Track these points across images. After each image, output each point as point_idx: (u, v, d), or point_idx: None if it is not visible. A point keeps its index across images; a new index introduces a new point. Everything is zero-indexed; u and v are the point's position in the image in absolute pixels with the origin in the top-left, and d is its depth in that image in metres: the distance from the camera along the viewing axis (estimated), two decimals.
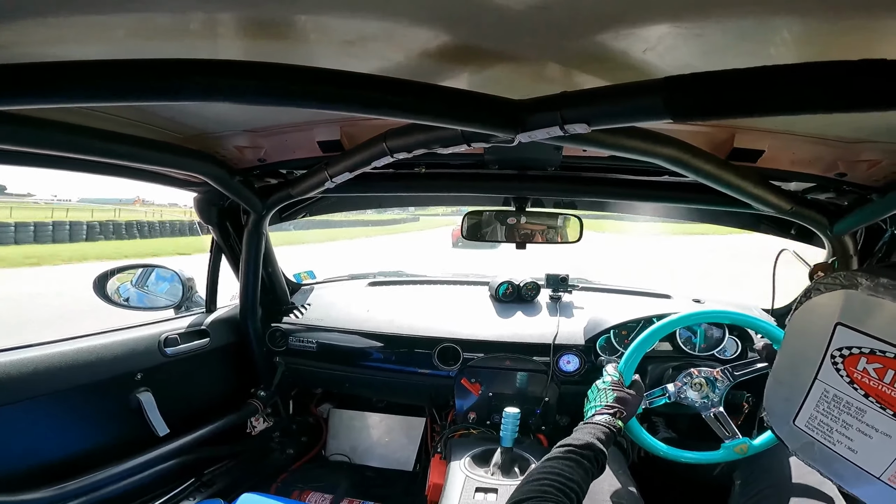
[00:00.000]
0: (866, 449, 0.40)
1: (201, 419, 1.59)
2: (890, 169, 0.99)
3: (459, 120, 0.72)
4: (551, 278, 1.90)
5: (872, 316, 0.39)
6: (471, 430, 1.63)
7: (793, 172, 1.09)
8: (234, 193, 1.38)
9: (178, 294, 1.75)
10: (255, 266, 1.67)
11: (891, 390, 0.37)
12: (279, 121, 1.12)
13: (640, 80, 0.62)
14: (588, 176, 1.37)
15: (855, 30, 0.53)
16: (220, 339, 1.70)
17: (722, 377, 1.25)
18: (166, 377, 1.47)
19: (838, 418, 0.42)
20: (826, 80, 0.50)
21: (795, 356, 0.46)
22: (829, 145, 0.97)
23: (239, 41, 0.69)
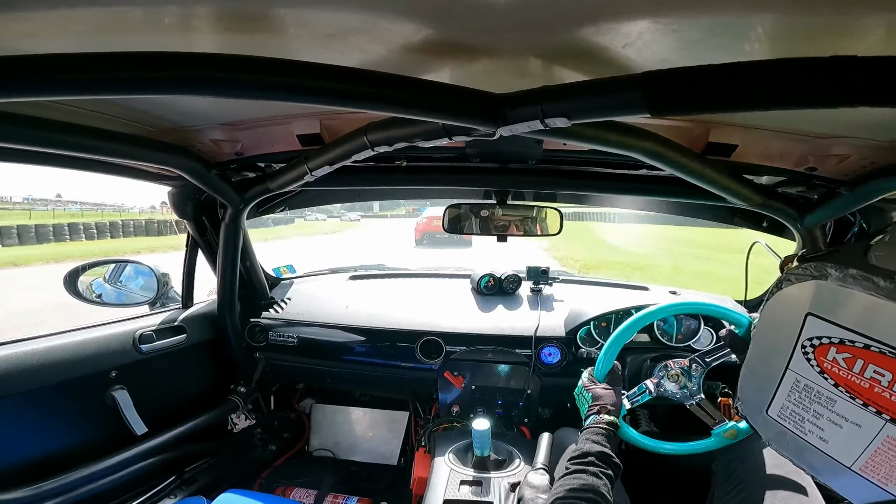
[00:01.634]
0: (837, 439, 0.40)
1: (180, 416, 1.57)
2: (859, 164, 1.01)
3: (441, 113, 0.71)
4: (532, 271, 1.91)
5: (842, 306, 0.39)
6: (454, 424, 1.64)
7: (765, 167, 1.10)
8: (211, 187, 1.35)
9: (152, 290, 1.71)
10: (233, 261, 1.64)
11: (860, 380, 0.38)
12: (257, 114, 1.09)
13: (619, 74, 0.62)
14: (568, 169, 1.37)
15: (827, 27, 0.54)
16: (198, 336, 1.67)
17: (695, 366, 1.27)
18: (142, 374, 1.45)
19: (809, 408, 0.42)
20: (798, 76, 0.50)
21: (767, 346, 0.47)
22: (799, 140, 0.99)
23: (216, 35, 0.67)
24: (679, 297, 1.81)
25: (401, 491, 1.92)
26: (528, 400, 1.65)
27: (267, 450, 2.03)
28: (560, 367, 1.64)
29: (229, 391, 1.80)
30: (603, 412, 1.08)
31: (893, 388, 0.35)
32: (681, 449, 1.20)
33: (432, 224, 14.80)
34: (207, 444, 1.74)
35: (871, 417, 0.37)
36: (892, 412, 0.36)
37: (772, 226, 1.53)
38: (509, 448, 1.38)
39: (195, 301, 1.74)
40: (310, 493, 1.84)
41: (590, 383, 1.19)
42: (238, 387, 1.80)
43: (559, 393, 1.71)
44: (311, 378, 2.02)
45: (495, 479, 1.25)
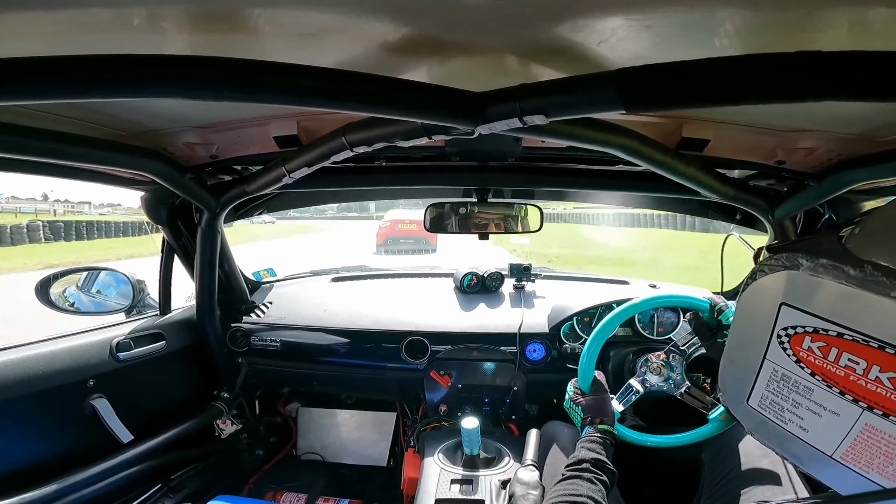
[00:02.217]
0: (817, 427, 0.41)
1: (164, 423, 1.53)
2: (825, 156, 1.03)
3: (420, 112, 0.70)
4: (515, 268, 1.91)
5: (814, 295, 0.40)
6: (442, 423, 1.63)
7: (736, 161, 1.12)
8: (185, 192, 1.31)
9: (128, 297, 1.66)
10: (211, 265, 1.60)
11: (835, 368, 0.38)
12: (232, 116, 1.07)
13: (595, 71, 0.62)
14: (547, 166, 1.37)
15: (793, 22, 0.54)
16: (178, 342, 1.63)
17: (673, 356, 1.28)
18: (122, 383, 1.41)
19: (788, 397, 0.43)
20: (765, 71, 0.51)
21: (744, 337, 0.47)
22: (768, 134, 1.00)
23: (188, 36, 0.65)
24: (658, 290, 1.83)
25: (392, 492, 1.89)
26: (514, 397, 1.65)
27: (254, 455, 2.00)
28: (545, 362, 1.64)
29: (212, 397, 1.76)
30: (596, 422, 1.10)
31: (868, 376, 0.36)
32: (683, 439, 1.20)
33: (396, 228, 13.83)
34: (193, 451, 1.71)
35: (849, 405, 0.38)
36: (868, 400, 0.36)
37: (744, 218, 1.56)
38: (498, 445, 1.38)
39: (173, 307, 1.70)
40: (300, 498, 1.81)
41: (577, 396, 1.20)
42: (221, 392, 1.76)
43: (545, 389, 1.72)
44: (295, 382, 1.99)
45: (485, 477, 1.24)
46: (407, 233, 13.62)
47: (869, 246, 0.38)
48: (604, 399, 1.16)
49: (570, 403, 1.21)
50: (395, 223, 13.95)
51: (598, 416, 1.11)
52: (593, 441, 1.04)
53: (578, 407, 1.17)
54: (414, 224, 13.50)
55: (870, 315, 0.36)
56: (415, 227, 13.41)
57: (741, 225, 1.58)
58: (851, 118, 0.87)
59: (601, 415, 1.12)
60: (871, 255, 0.37)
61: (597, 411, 1.13)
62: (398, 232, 13.72)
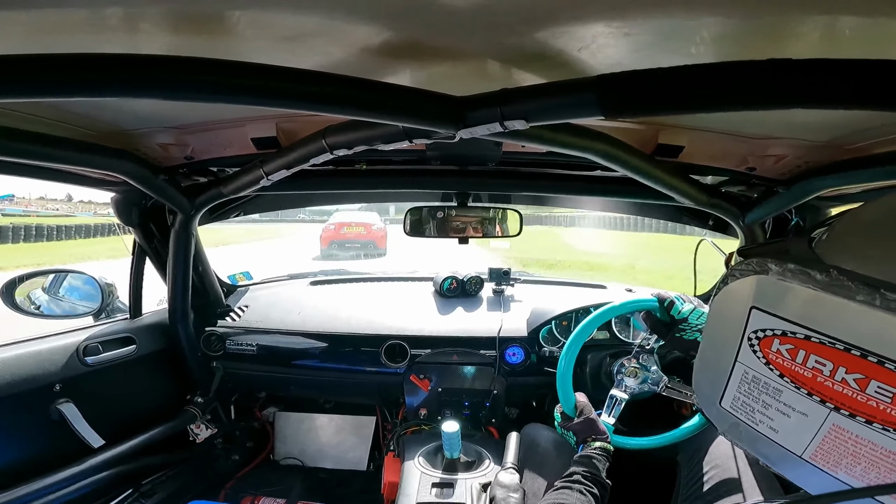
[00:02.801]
0: (786, 428, 0.42)
1: (135, 428, 1.49)
2: (794, 163, 1.06)
3: (401, 116, 0.70)
4: (494, 272, 1.92)
5: (782, 299, 0.40)
6: (422, 427, 1.61)
7: (709, 167, 1.15)
8: (158, 193, 1.28)
9: (96, 300, 1.60)
10: (184, 268, 1.56)
11: (803, 370, 0.39)
12: (208, 117, 1.04)
13: (575, 77, 0.62)
14: (526, 171, 1.38)
15: (766, 30, 0.55)
16: (149, 346, 1.58)
17: (643, 356, 1.30)
18: (90, 387, 1.37)
19: (759, 398, 0.43)
20: (737, 78, 0.51)
21: (717, 339, 0.48)
22: (740, 141, 1.02)
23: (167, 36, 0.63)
24: (634, 294, 1.86)
25: (372, 496, 1.88)
26: (494, 400, 1.64)
27: (230, 460, 1.96)
28: (524, 366, 1.64)
29: (186, 401, 1.72)
30: (589, 440, 1.11)
31: (835, 378, 0.37)
32: (674, 436, 1.20)
33: (341, 231, 12.66)
34: (166, 456, 1.66)
35: (817, 406, 0.39)
36: (835, 401, 0.37)
37: (717, 224, 1.59)
38: (478, 449, 1.38)
39: (144, 311, 1.65)
40: (277, 502, 1.79)
41: (566, 422, 1.20)
42: (195, 397, 1.72)
43: (525, 392, 1.72)
44: (273, 386, 1.95)
45: (466, 480, 1.24)
46: (353, 236, 12.67)
47: (835, 251, 0.39)
48: (592, 419, 1.17)
49: (561, 432, 1.22)
50: (341, 226, 12.77)
51: (590, 434, 1.13)
52: (586, 456, 1.05)
53: (570, 432, 1.18)
54: (361, 227, 12.67)
55: (835, 318, 0.37)
56: (362, 230, 12.62)
57: (714, 230, 1.61)
58: (819, 126, 0.90)
59: (593, 433, 1.13)
60: (836, 260, 0.38)
61: (588, 431, 1.14)
62: (343, 236, 12.68)
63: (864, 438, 0.36)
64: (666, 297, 1.18)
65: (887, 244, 0.36)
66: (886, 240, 0.37)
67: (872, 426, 0.35)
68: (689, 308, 1.15)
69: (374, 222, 13.13)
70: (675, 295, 1.19)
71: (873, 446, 0.36)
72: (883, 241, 0.37)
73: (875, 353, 0.34)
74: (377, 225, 13.03)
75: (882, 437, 0.35)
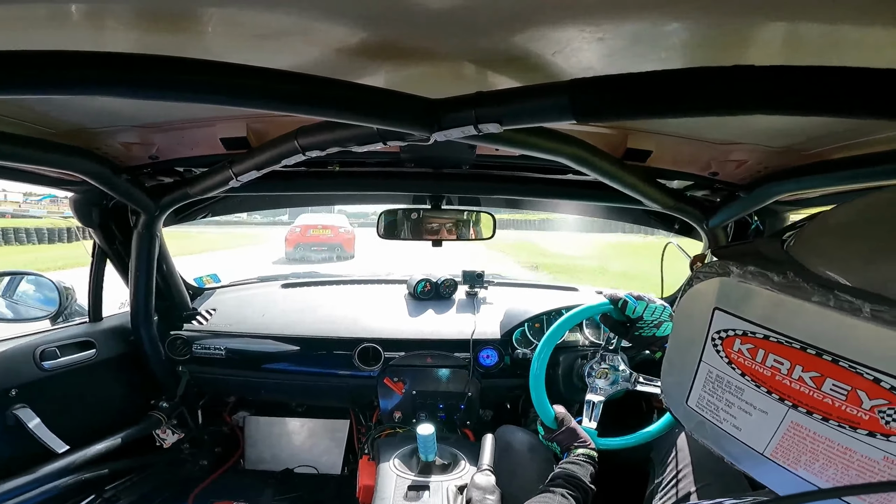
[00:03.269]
0: (748, 426, 0.43)
1: (98, 434, 1.45)
2: (754, 168, 1.09)
3: (376, 118, 0.69)
4: (468, 275, 1.92)
5: (743, 300, 0.41)
6: (397, 430, 1.60)
7: (675, 171, 1.17)
8: (120, 193, 1.22)
9: (54, 303, 1.53)
10: (147, 271, 1.50)
11: (762, 368, 0.40)
12: (175, 116, 1.01)
13: (549, 81, 0.63)
14: (500, 174, 1.38)
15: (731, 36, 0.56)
16: (110, 350, 1.53)
17: (609, 357, 1.32)
18: (48, 392, 1.32)
19: (722, 397, 0.45)
20: (704, 84, 0.52)
21: (683, 340, 0.49)
22: (704, 146, 1.05)
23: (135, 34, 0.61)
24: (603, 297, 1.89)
25: (346, 500, 1.85)
26: (469, 403, 1.64)
27: (198, 465, 1.91)
28: (498, 368, 1.64)
29: (150, 406, 1.67)
30: (572, 447, 1.13)
31: (792, 376, 0.38)
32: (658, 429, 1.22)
33: (307, 234, 12.25)
34: (130, 461, 1.61)
35: (776, 404, 0.40)
36: (793, 398, 0.38)
37: (682, 227, 1.63)
38: (454, 451, 1.37)
39: (106, 314, 1.59)
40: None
41: (549, 434, 1.22)
42: (160, 402, 1.67)
43: (499, 394, 1.72)
44: (242, 390, 1.90)
45: (442, 483, 1.23)
46: (320, 239, 12.31)
47: (804, 252, 0.40)
48: (572, 428, 1.19)
49: (545, 444, 1.24)
50: (307, 229, 12.33)
51: (572, 442, 1.15)
52: (569, 463, 1.07)
53: (553, 443, 1.20)
54: (328, 230, 12.34)
55: (792, 318, 0.38)
56: (329, 232, 12.31)
57: (679, 233, 1.66)
58: (778, 132, 0.92)
59: (575, 441, 1.15)
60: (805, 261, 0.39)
61: (571, 440, 1.16)
62: (309, 238, 12.26)
63: (821, 435, 0.37)
64: (618, 298, 1.21)
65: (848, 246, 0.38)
66: (848, 242, 0.38)
67: (829, 423, 0.36)
68: (641, 306, 1.18)
69: (342, 225, 12.90)
70: (626, 294, 1.21)
71: (830, 443, 0.37)
72: (836, 245, 0.38)
73: (829, 351, 0.35)
74: (344, 227, 12.79)
75: (838, 433, 0.36)
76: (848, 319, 0.34)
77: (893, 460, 0.34)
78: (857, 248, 0.37)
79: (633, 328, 1.20)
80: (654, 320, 1.17)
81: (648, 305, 1.18)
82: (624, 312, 1.20)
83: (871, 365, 0.33)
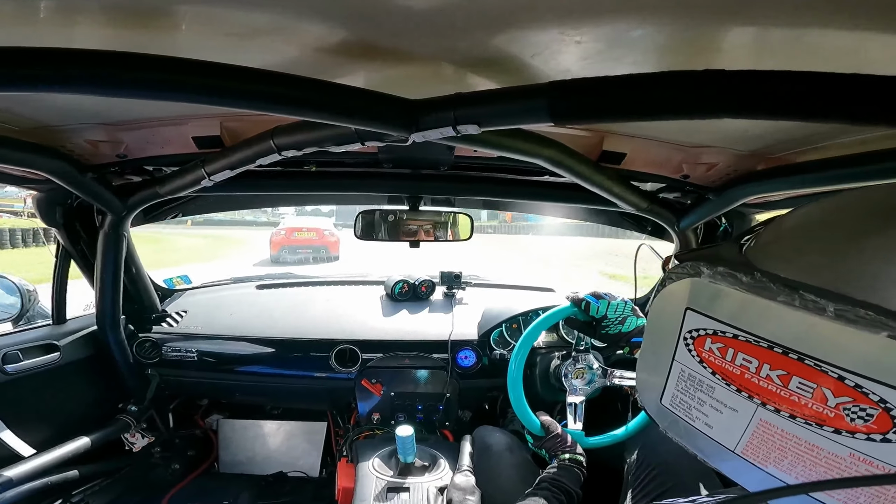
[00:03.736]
0: (719, 423, 0.43)
1: (64, 438, 1.40)
2: (724, 171, 1.11)
3: (354, 118, 0.68)
4: (445, 276, 1.92)
5: (713, 300, 0.42)
6: (375, 431, 1.58)
7: (648, 174, 1.19)
8: (86, 192, 1.18)
9: (15, 306, 1.48)
10: (114, 272, 1.45)
11: (732, 367, 0.41)
12: (145, 114, 0.97)
13: (528, 83, 0.62)
14: (478, 175, 1.38)
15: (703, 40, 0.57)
16: (75, 354, 1.49)
17: (581, 357, 1.33)
18: (12, 397, 1.29)
19: (694, 395, 0.45)
20: (676, 88, 0.53)
21: (656, 339, 0.49)
22: (676, 149, 1.07)
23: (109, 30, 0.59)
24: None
25: (325, 503, 1.84)
26: (447, 403, 1.63)
27: (170, 469, 1.86)
28: (476, 369, 1.64)
29: (118, 410, 1.62)
30: (559, 453, 1.14)
31: (760, 374, 0.39)
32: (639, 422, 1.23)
33: (292, 237, 12.22)
34: (97, 466, 1.57)
35: (745, 402, 0.40)
36: (761, 396, 0.39)
37: (654, 229, 1.66)
38: (433, 452, 1.36)
39: (70, 316, 1.54)
40: None
41: (538, 441, 1.22)
42: (128, 405, 1.62)
43: (478, 395, 1.72)
44: (215, 393, 1.87)
45: (422, 484, 1.22)
46: (305, 241, 12.28)
47: (762, 255, 0.41)
48: (558, 434, 1.20)
49: (536, 451, 1.24)
50: (291, 231, 12.37)
51: (560, 448, 1.16)
52: (556, 467, 1.09)
53: (542, 451, 1.21)
54: (312, 232, 12.36)
55: (759, 318, 0.38)
56: (313, 235, 12.30)
57: (652, 235, 1.69)
58: (746, 136, 0.94)
59: (562, 446, 1.16)
60: (763, 263, 0.40)
61: (558, 446, 1.17)
62: (294, 241, 12.23)
63: (788, 433, 0.38)
64: (580, 300, 1.22)
65: (807, 248, 0.38)
66: (806, 244, 0.39)
67: (796, 420, 0.37)
68: (603, 304, 1.19)
69: (326, 227, 12.88)
70: (586, 295, 1.22)
71: (797, 440, 0.37)
72: (803, 246, 0.39)
73: (795, 350, 0.36)
74: (329, 230, 12.77)
75: (804, 431, 0.37)
76: (813, 319, 0.34)
77: (858, 456, 0.34)
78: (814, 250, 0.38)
79: (599, 327, 1.21)
80: (617, 317, 1.19)
81: (610, 303, 1.20)
82: (588, 313, 1.21)
83: (835, 363, 0.34)
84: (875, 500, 0.33)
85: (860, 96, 0.47)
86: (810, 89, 0.48)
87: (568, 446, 1.16)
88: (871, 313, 0.31)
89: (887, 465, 0.33)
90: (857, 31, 0.50)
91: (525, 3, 0.51)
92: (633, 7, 0.50)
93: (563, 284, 1.91)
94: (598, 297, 1.21)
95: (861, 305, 0.32)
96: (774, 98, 0.49)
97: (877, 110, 0.47)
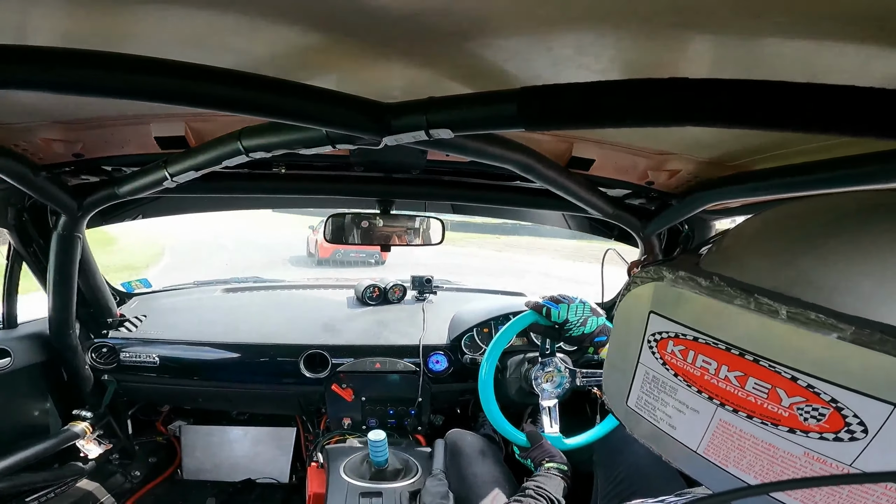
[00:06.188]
0: (682, 424, 0.44)
1: (13, 446, 1.34)
2: (686, 178, 1.14)
3: (325, 121, 0.66)
4: (416, 280, 1.91)
5: (675, 304, 0.43)
6: (346, 436, 1.56)
7: (616, 180, 1.20)
8: (38, 192, 1.11)
9: None
10: (68, 275, 1.37)
11: (693, 369, 0.42)
12: (105, 112, 0.92)
13: (501, 88, 0.62)
14: (450, 180, 1.37)
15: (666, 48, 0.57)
16: (27, 359, 1.42)
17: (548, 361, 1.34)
18: None
19: (658, 397, 0.46)
20: (640, 95, 0.53)
21: (622, 342, 0.50)
22: (641, 156, 1.08)
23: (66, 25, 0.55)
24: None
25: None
26: (419, 408, 1.62)
27: (129, 476, 1.80)
28: (448, 373, 1.63)
29: (72, 417, 1.54)
30: (543, 462, 1.15)
31: (719, 375, 0.39)
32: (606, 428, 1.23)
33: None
34: (48, 474, 1.50)
35: (705, 403, 0.41)
36: (720, 397, 0.40)
37: (620, 234, 1.69)
38: (406, 457, 1.34)
39: (21, 320, 1.46)
40: None
41: (524, 452, 1.23)
42: (83, 412, 1.54)
43: (449, 399, 1.71)
44: (177, 399, 1.80)
45: (395, 489, 1.20)
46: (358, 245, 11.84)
47: (720, 262, 0.42)
48: (541, 444, 1.20)
49: (522, 461, 1.24)
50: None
51: (544, 457, 1.16)
52: (540, 476, 1.09)
53: (528, 460, 1.21)
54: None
55: (717, 320, 0.39)
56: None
57: (618, 240, 1.72)
58: (707, 143, 0.96)
59: (545, 456, 1.16)
60: (720, 269, 0.41)
61: (542, 455, 1.17)
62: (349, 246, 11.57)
63: (746, 433, 0.39)
64: (541, 306, 1.23)
65: (762, 253, 0.40)
66: (762, 249, 0.40)
67: (753, 420, 0.38)
68: (564, 308, 1.20)
69: None
70: (545, 300, 1.23)
71: (755, 440, 0.38)
72: (759, 251, 0.40)
73: (751, 351, 0.37)
74: None
75: (761, 430, 0.38)
76: (767, 321, 0.35)
77: (813, 455, 0.35)
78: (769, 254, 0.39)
79: (563, 330, 1.22)
80: (579, 319, 1.20)
81: (570, 306, 1.21)
82: (549, 318, 1.22)
83: (788, 364, 0.35)
84: (831, 497, 0.34)
85: (814, 105, 0.48)
86: (768, 98, 0.49)
87: (551, 455, 1.16)
88: (822, 315, 0.32)
89: (839, 463, 0.34)
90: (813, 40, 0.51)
91: (498, 10, 0.51)
92: (599, 16, 0.51)
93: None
94: (557, 302, 1.22)
95: (812, 308, 0.33)
96: (732, 107, 0.50)
97: (830, 119, 0.48)
